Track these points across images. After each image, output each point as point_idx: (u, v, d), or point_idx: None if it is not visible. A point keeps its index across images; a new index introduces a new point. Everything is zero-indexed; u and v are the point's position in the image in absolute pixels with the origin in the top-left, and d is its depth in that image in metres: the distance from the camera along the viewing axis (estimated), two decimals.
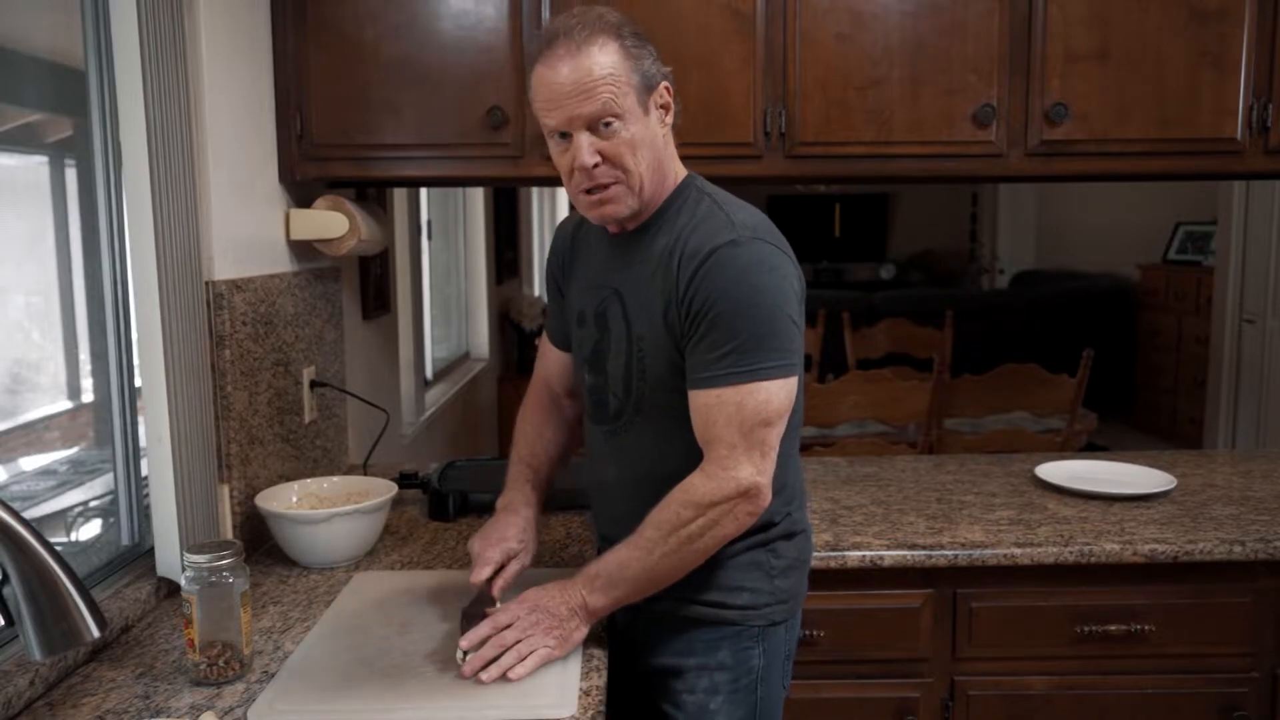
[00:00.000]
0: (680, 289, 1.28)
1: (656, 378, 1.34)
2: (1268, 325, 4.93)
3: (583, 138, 1.27)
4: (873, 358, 4.59)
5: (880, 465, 2.29)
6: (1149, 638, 1.75)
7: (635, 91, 1.27)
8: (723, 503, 1.25)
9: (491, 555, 1.41)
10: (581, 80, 1.24)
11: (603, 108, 1.25)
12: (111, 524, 1.59)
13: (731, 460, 1.25)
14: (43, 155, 1.57)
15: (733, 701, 1.39)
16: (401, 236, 3.20)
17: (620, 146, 1.28)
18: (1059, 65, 1.92)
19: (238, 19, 1.76)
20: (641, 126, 1.29)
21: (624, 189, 1.30)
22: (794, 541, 1.43)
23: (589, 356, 1.43)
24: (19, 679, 1.17)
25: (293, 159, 1.93)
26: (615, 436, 1.41)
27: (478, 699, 1.19)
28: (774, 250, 1.29)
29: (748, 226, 1.29)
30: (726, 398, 1.25)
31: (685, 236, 1.31)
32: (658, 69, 1.31)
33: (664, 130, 1.33)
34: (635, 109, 1.27)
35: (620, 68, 1.25)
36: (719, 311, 1.24)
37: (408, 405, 3.42)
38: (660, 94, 1.31)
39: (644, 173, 1.30)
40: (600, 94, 1.24)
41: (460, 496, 1.93)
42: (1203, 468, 2.21)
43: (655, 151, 1.31)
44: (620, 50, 1.26)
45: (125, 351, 1.55)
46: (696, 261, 1.27)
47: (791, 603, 1.43)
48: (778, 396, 1.26)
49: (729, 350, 1.24)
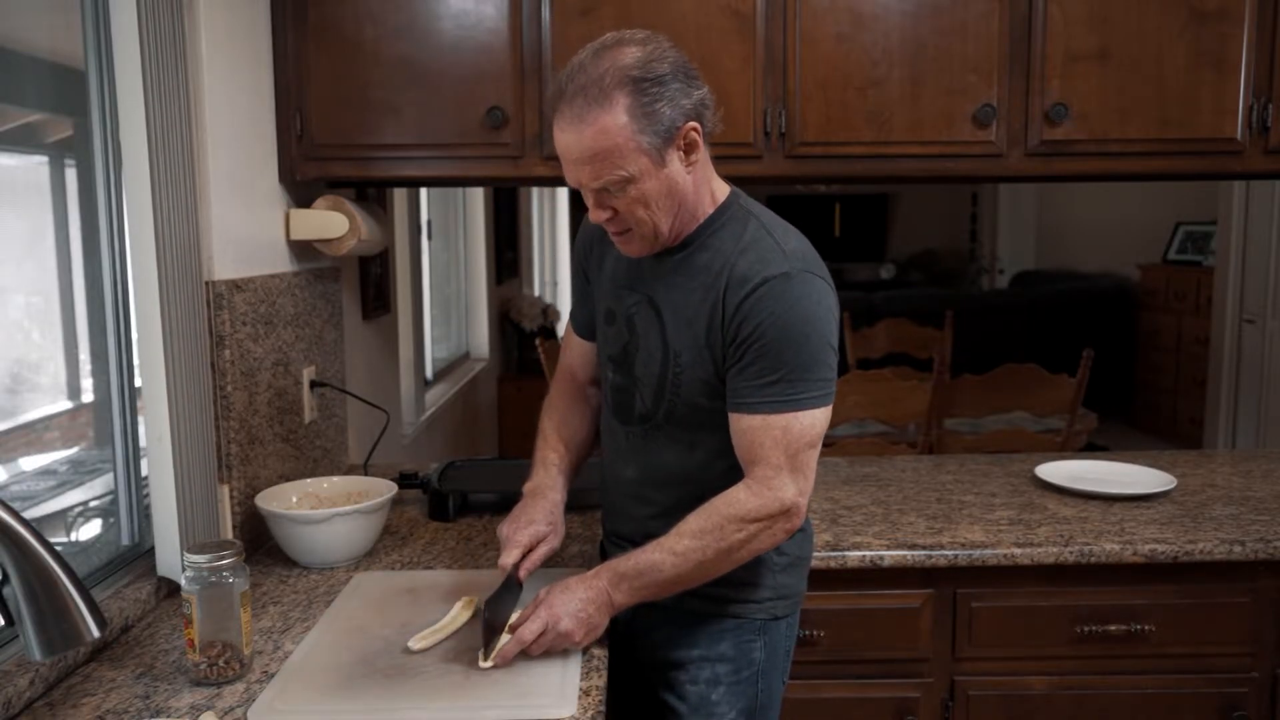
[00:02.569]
0: (728, 314, 1.30)
1: (690, 392, 1.35)
2: (1268, 325, 4.93)
3: (590, 198, 1.29)
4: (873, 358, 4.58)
5: (880, 465, 2.29)
6: (1149, 638, 1.75)
7: (648, 151, 1.24)
8: (765, 519, 1.29)
9: (520, 539, 1.41)
10: (585, 151, 1.24)
11: (609, 173, 1.25)
12: (111, 524, 1.59)
13: (777, 481, 1.28)
14: (43, 155, 1.57)
15: (734, 693, 1.41)
16: (401, 236, 3.20)
17: (630, 205, 1.28)
18: (1059, 65, 1.91)
19: (238, 19, 1.76)
20: (655, 181, 1.26)
21: (638, 235, 1.32)
22: (796, 539, 1.45)
23: (616, 355, 1.44)
24: (19, 679, 1.17)
25: (293, 159, 1.93)
26: (641, 440, 1.43)
27: (478, 699, 1.18)
28: (821, 283, 1.31)
29: (799, 256, 1.30)
30: (773, 423, 1.28)
31: (734, 260, 1.31)
32: (681, 109, 1.25)
33: (690, 169, 1.30)
34: (647, 167, 1.25)
35: (629, 129, 1.22)
36: (769, 341, 1.27)
37: (408, 405, 3.42)
38: (684, 136, 1.26)
39: (659, 220, 1.30)
40: (603, 168, 1.24)
41: (460, 496, 1.93)
42: (1203, 468, 2.21)
43: (675, 196, 1.30)
44: (630, 110, 1.21)
45: (125, 351, 1.55)
46: (747, 289, 1.28)
47: (792, 599, 1.46)
48: (820, 422, 1.30)
49: (777, 379, 1.27)
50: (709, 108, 1.30)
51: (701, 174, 1.33)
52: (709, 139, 1.32)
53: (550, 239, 8.25)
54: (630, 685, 1.51)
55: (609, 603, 1.30)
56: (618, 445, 1.48)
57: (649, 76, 1.22)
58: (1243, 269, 5.09)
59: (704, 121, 1.29)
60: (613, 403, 1.47)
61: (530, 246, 7.07)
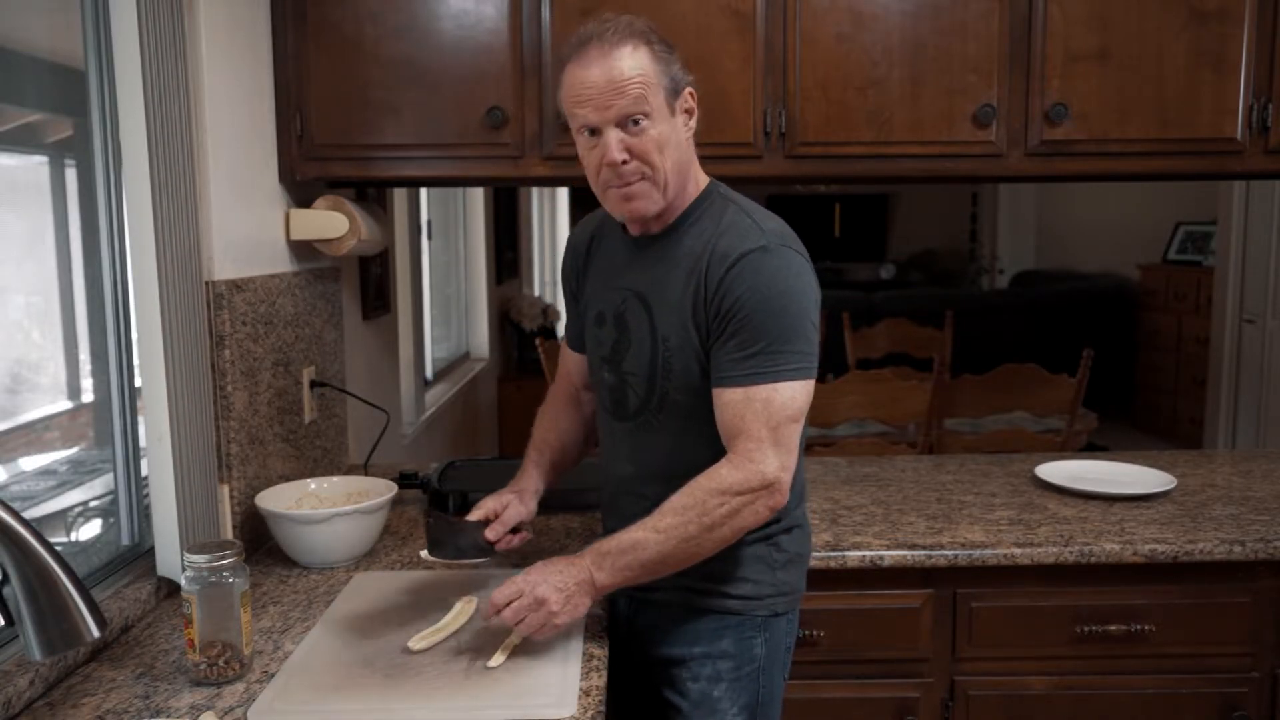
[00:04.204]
0: (710, 290, 1.33)
1: (680, 377, 1.37)
2: (1268, 325, 4.93)
3: (612, 134, 1.31)
4: (873, 358, 4.58)
5: (880, 465, 2.29)
6: (1149, 638, 1.75)
7: (664, 92, 1.32)
8: (747, 492, 1.29)
9: (488, 503, 1.49)
10: (614, 78, 1.29)
11: (633, 104, 1.30)
12: (111, 524, 1.59)
13: (759, 453, 1.29)
14: (43, 155, 1.57)
15: (736, 689, 1.42)
16: (401, 236, 3.20)
17: (648, 143, 1.32)
18: (1059, 65, 1.91)
19: (238, 19, 1.76)
20: (668, 126, 1.33)
21: (649, 185, 1.35)
22: (794, 536, 1.46)
23: (608, 355, 1.46)
24: (19, 679, 1.17)
25: (293, 159, 1.93)
26: (635, 434, 1.45)
27: (478, 699, 1.19)
28: (800, 258, 1.34)
29: (776, 234, 1.34)
30: (754, 395, 1.29)
31: (714, 241, 1.35)
32: (684, 75, 1.36)
33: (688, 134, 1.38)
34: (663, 109, 1.32)
35: (650, 69, 1.31)
36: (749, 312, 1.30)
37: (408, 405, 3.42)
38: (685, 98, 1.36)
39: (669, 171, 1.35)
40: (630, 91, 1.29)
41: (460, 496, 1.93)
42: (1203, 468, 2.21)
43: (680, 152, 1.36)
44: (650, 54, 1.32)
45: (125, 351, 1.56)
46: (727, 264, 1.32)
47: (792, 595, 1.47)
48: (800, 395, 1.31)
49: (757, 350, 1.29)
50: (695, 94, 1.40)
51: (690, 151, 1.40)
52: None
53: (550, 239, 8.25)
54: (632, 684, 1.51)
55: (590, 580, 1.29)
56: (614, 443, 1.50)
57: (662, 39, 1.35)
58: (1243, 269, 5.09)
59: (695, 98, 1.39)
60: (608, 402, 1.48)
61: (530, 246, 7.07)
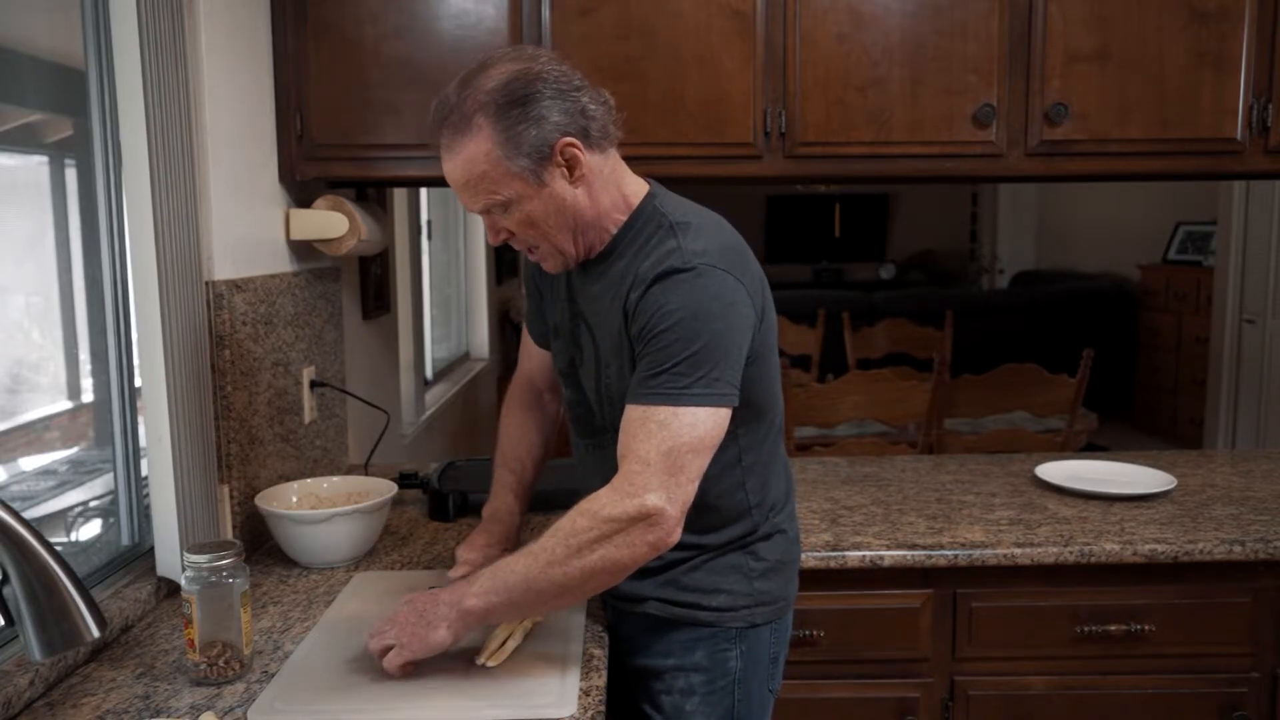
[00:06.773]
0: (629, 314, 1.27)
1: (622, 400, 1.29)
2: (1268, 325, 4.93)
3: (485, 220, 1.30)
4: (873, 358, 4.59)
5: (880, 465, 2.29)
6: (1149, 638, 1.75)
7: (520, 175, 1.23)
8: (621, 520, 1.17)
9: (472, 557, 1.45)
10: (459, 179, 1.25)
11: (486, 199, 1.25)
12: (111, 524, 1.59)
13: (642, 479, 1.18)
14: (43, 155, 1.57)
15: (709, 703, 1.39)
16: (401, 236, 3.20)
17: (519, 226, 1.28)
18: (1059, 65, 1.91)
19: (238, 19, 1.76)
20: (538, 201, 1.25)
21: (546, 249, 1.32)
22: (774, 542, 1.42)
23: (566, 370, 1.44)
24: (19, 679, 1.17)
25: (293, 159, 1.93)
26: (597, 450, 1.42)
27: (478, 699, 1.18)
28: (725, 277, 1.24)
29: (698, 254, 1.24)
30: (652, 415, 1.20)
31: (638, 264, 1.28)
32: (553, 126, 1.21)
33: (578, 185, 1.26)
34: (524, 189, 1.24)
35: (494, 158, 1.21)
36: (658, 333, 1.22)
37: (408, 405, 3.42)
38: (559, 153, 1.23)
39: (555, 238, 1.29)
40: (480, 188, 1.25)
41: (460, 496, 1.93)
42: (1203, 468, 2.21)
43: (567, 214, 1.27)
44: (495, 135, 1.21)
45: (125, 351, 1.56)
46: (644, 286, 1.25)
47: (775, 605, 1.42)
48: (704, 424, 1.20)
49: (662, 371, 1.21)
50: (594, 117, 1.25)
51: (601, 185, 1.29)
52: (608, 145, 1.29)
53: None
54: (615, 693, 1.49)
55: (458, 604, 1.22)
56: (582, 459, 1.48)
57: (512, 99, 1.21)
58: (1243, 269, 5.09)
59: (588, 133, 1.25)
60: (572, 418, 1.46)
61: None
